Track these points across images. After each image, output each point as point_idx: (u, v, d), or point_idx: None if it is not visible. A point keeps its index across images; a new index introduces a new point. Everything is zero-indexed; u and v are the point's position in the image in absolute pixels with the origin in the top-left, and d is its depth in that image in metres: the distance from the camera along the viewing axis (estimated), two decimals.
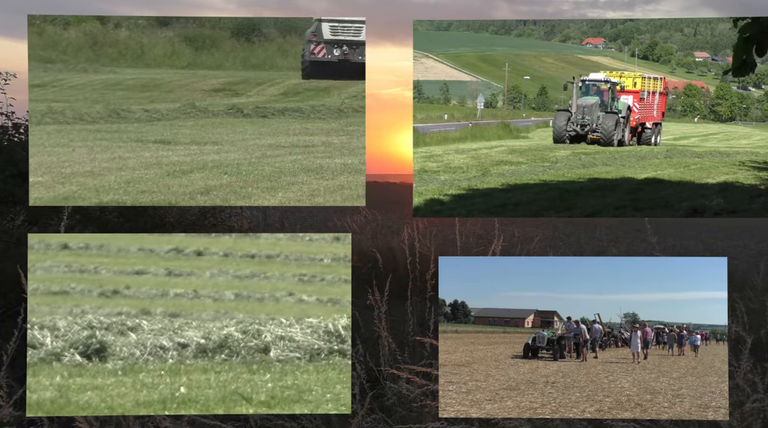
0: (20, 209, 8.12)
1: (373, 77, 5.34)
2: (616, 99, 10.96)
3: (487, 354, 5.04)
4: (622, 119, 10.66)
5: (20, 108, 8.99)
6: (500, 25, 13.21)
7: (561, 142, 10.25)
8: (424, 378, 4.61)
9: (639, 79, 10.94)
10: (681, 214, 5.82)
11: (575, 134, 10.33)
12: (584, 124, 10.41)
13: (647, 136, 10.66)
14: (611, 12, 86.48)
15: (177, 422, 4.35)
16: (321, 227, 14.53)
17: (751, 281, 8.72)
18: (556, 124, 10.51)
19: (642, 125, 10.81)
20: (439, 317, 4.55)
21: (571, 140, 10.30)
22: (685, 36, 13.06)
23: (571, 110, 10.72)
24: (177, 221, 9.74)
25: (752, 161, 7.49)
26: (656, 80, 11.01)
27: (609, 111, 10.68)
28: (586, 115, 10.52)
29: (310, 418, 4.65)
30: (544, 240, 10.69)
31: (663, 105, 11.13)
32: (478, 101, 12.85)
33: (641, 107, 10.86)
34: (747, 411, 4.24)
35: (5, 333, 4.83)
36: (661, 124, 10.90)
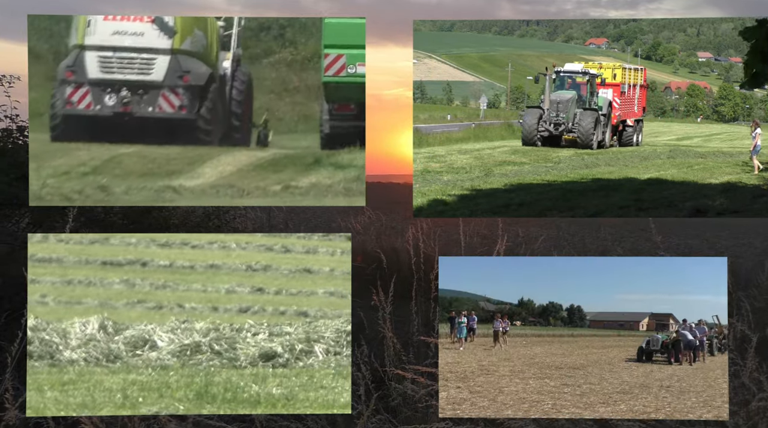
0: (25, 212, 8.14)
1: (374, 78, 5.36)
2: (596, 93, 9.70)
3: (601, 357, 5.01)
4: (602, 117, 9.33)
5: (24, 111, 9.02)
6: (503, 25, 13.22)
7: (531, 144, 8.97)
8: (429, 378, 4.60)
9: (619, 71, 9.83)
10: (684, 214, 5.83)
11: (548, 134, 9.10)
12: (558, 122, 9.16)
13: (628, 135, 9.50)
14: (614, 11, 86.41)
15: (182, 423, 4.36)
16: (325, 227, 14.54)
17: (756, 280, 8.61)
18: (525, 123, 9.19)
19: (623, 122, 9.61)
20: (557, 322, 4.62)
21: (543, 141, 9.05)
22: (688, 36, 13.02)
23: (543, 106, 9.52)
24: (181, 222, 9.77)
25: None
26: (637, 71, 10.02)
27: (587, 107, 9.48)
28: (561, 112, 9.29)
29: (315, 418, 4.65)
30: (548, 240, 10.58)
31: (644, 99, 10.13)
32: (481, 102, 12.67)
33: (622, 102, 9.74)
34: (753, 410, 4.24)
35: (10, 335, 4.84)
36: (643, 121, 9.84)
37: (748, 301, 5.94)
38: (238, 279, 6.46)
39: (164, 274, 6.28)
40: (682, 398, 4.22)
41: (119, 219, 9.20)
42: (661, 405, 4.16)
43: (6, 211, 8.41)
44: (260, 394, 4.24)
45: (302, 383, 4.39)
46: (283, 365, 4.58)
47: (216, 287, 6.17)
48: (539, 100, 9.84)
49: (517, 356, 4.64)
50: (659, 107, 12.23)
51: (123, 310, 5.46)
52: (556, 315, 4.68)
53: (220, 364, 4.56)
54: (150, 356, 4.59)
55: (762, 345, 4.91)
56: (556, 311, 4.60)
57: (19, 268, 4.71)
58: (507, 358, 4.82)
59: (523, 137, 9.13)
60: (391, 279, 5.49)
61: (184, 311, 5.57)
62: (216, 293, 6.09)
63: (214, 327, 4.86)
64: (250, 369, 4.52)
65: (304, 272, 6.46)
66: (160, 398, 4.20)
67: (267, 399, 4.22)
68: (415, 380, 4.68)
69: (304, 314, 5.35)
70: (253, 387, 4.31)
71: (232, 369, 4.51)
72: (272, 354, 4.64)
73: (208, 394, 4.24)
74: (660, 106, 12.28)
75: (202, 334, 4.79)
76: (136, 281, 5.99)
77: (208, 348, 4.68)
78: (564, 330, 4.78)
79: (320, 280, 6.28)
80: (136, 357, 4.61)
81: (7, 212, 8.43)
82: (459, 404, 4.21)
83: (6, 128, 8.92)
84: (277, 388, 4.31)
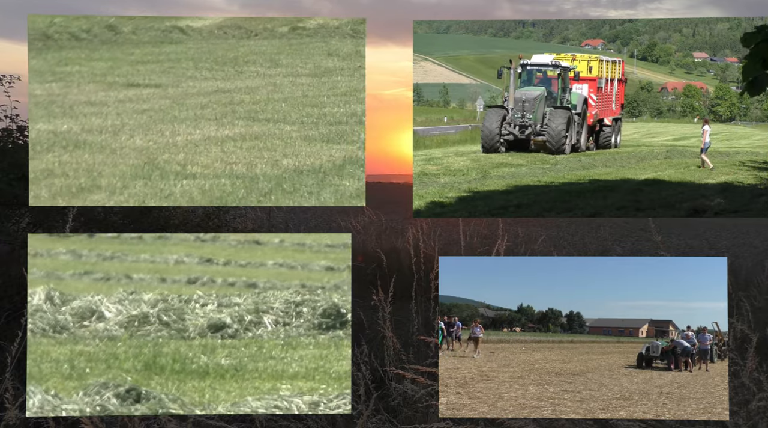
0: (25, 212, 8.15)
1: (374, 78, 5.36)
2: (568, 89, 8.49)
3: (601, 363, 4.99)
4: (576, 117, 8.09)
5: (24, 111, 9.03)
6: (499, 26, 13.22)
7: (493, 150, 7.72)
8: (429, 378, 4.62)
9: (596, 63, 8.57)
10: (682, 214, 5.85)
11: (513, 138, 7.79)
12: (525, 124, 7.89)
13: (606, 136, 8.38)
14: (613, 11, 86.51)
15: (182, 422, 4.37)
16: (325, 227, 14.57)
17: (756, 280, 8.59)
18: (485, 126, 7.88)
19: (600, 122, 8.41)
20: (556, 329, 4.63)
21: (508, 146, 7.78)
22: (684, 36, 13.05)
23: (507, 105, 8.27)
24: (181, 222, 9.78)
25: (752, 161, 7.49)
26: (615, 64, 8.90)
27: (559, 106, 8.28)
28: (527, 112, 8.05)
29: (314, 418, 4.67)
30: (548, 240, 10.56)
31: (622, 95, 9.06)
32: (478, 104, 12.58)
33: (599, 99, 8.57)
34: (753, 410, 4.26)
35: (10, 335, 4.84)
36: (621, 120, 8.78)
37: (748, 301, 5.96)
38: (187, 250, 6.38)
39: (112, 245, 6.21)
40: (682, 404, 4.24)
41: (119, 219, 9.21)
42: (661, 411, 4.18)
43: (6, 211, 8.42)
44: (209, 365, 4.23)
45: (251, 353, 4.39)
46: (231, 336, 4.56)
47: (164, 258, 6.11)
48: (503, 98, 8.50)
49: (517, 362, 4.64)
50: (656, 107, 12.25)
51: (70, 281, 5.39)
52: (555, 322, 4.69)
53: (169, 335, 4.52)
54: (97, 327, 4.56)
55: (762, 344, 4.94)
56: (555, 318, 4.61)
57: (19, 268, 4.72)
58: (507, 364, 4.83)
59: (483, 142, 7.79)
60: (391, 279, 5.50)
61: (132, 282, 5.51)
62: (164, 264, 6.03)
63: (162, 298, 4.82)
64: (198, 340, 4.50)
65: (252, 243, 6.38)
66: (107, 369, 4.18)
67: (216, 370, 4.21)
68: (415, 380, 4.69)
69: (253, 285, 5.33)
70: (202, 358, 4.30)
71: (180, 341, 4.49)
72: (221, 325, 4.61)
73: (156, 365, 4.22)
74: (656, 106, 12.31)
75: (150, 305, 4.75)
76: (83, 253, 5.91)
77: (156, 318, 4.64)
78: (564, 336, 4.78)
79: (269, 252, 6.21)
80: (84, 329, 4.57)
81: (7, 212, 8.44)
82: (458, 409, 4.24)
83: (6, 127, 8.93)
84: (225, 359, 4.30)
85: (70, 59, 6.08)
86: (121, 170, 4.71)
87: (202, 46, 6.68)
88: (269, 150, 5.06)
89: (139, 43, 6.14)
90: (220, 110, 5.83)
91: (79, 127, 5.31)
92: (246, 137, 5.26)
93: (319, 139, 5.22)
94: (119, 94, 5.90)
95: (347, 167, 4.68)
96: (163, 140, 5.11)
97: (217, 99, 6.13)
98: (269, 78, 6.45)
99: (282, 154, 4.99)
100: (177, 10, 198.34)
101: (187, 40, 5.95)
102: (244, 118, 5.68)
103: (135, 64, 6.27)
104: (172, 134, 5.24)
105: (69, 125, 5.31)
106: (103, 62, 6.29)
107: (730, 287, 4.34)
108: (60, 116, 5.41)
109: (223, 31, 5.78)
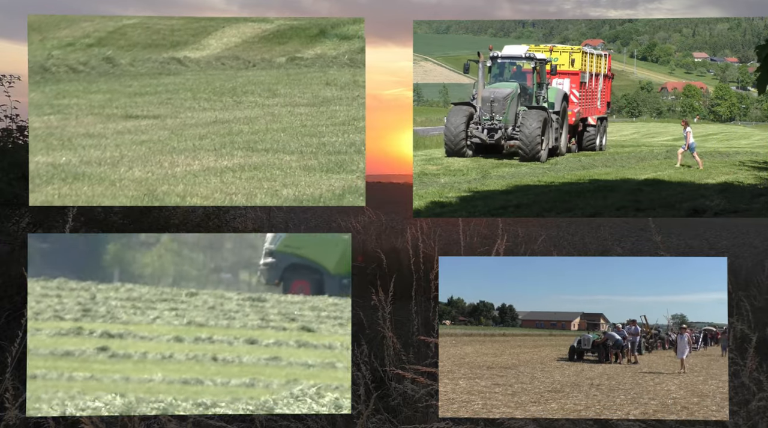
0: (25, 212, 8.15)
1: (374, 78, 5.34)
2: (545, 85, 7.40)
3: (533, 356, 5.03)
4: (554, 117, 7.06)
5: (24, 111, 9.03)
6: (499, 27, 13.22)
7: (458, 154, 6.80)
8: (429, 378, 4.63)
9: (578, 56, 7.58)
10: (682, 214, 5.85)
11: (480, 142, 6.84)
12: (494, 127, 6.90)
13: (590, 137, 7.54)
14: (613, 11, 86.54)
15: (182, 422, 4.37)
16: (325, 227, 14.57)
17: (756, 280, 8.59)
18: (448, 127, 7.03)
19: (583, 121, 7.54)
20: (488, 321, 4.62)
21: (475, 150, 6.86)
22: (684, 36, 13.05)
23: (474, 103, 7.29)
24: (182, 222, 9.78)
25: (752, 161, 7.50)
26: (600, 58, 8.08)
27: (534, 105, 7.26)
28: (497, 112, 7.02)
29: (315, 418, 4.67)
30: (548, 240, 10.55)
31: (608, 93, 8.35)
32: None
33: (582, 96, 7.72)
34: (753, 410, 4.26)
35: (10, 335, 4.85)
36: (607, 119, 7.89)
37: (748, 301, 5.97)
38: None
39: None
40: (611, 396, 4.28)
41: (119, 219, 9.21)
42: (591, 403, 4.22)
43: (6, 211, 8.42)
44: None
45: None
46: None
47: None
48: (471, 95, 7.49)
49: (447, 356, 4.66)
50: (656, 107, 12.25)
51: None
52: (487, 315, 4.68)
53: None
54: None
55: (762, 344, 4.95)
56: (487, 311, 4.61)
57: (19, 268, 4.72)
58: None
59: (446, 144, 6.90)
60: (391, 279, 5.50)
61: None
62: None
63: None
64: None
65: None
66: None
67: None
68: (415, 380, 4.70)
69: None
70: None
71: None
72: None
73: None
74: (656, 106, 12.30)
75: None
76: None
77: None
78: (495, 330, 4.76)
79: None
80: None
81: (7, 212, 8.44)
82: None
83: (6, 127, 8.93)
84: None
85: (68, 92, 6.18)
86: (120, 202, 4.77)
87: (200, 77, 6.72)
88: (269, 180, 5.08)
89: (137, 75, 6.20)
90: (219, 141, 5.87)
91: (78, 159, 5.38)
92: (245, 168, 5.29)
93: (319, 168, 5.23)
94: (117, 126, 5.94)
95: (347, 197, 4.70)
96: (161, 171, 5.16)
97: (215, 130, 6.17)
98: (268, 108, 6.47)
99: (282, 184, 5.02)
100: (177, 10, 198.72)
101: (185, 71, 5.98)
102: (243, 148, 5.70)
103: (133, 96, 6.34)
104: (171, 165, 5.28)
105: (68, 157, 5.37)
106: (101, 94, 6.38)
107: (730, 287, 4.34)
108: (59, 149, 5.49)
109: (220, 62, 5.80)
